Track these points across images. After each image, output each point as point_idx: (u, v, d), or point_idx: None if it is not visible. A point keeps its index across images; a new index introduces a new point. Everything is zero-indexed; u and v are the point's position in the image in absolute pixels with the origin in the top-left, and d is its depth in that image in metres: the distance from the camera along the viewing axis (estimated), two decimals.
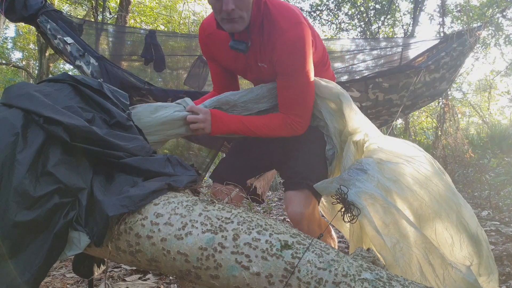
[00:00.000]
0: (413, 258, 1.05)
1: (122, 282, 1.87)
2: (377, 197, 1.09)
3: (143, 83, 2.57)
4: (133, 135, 1.15)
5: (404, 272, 1.02)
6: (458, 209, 1.17)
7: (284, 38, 1.25)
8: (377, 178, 1.14)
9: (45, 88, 1.12)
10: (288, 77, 1.32)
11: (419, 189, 1.15)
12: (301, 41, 1.26)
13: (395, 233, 1.06)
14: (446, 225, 1.15)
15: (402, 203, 1.12)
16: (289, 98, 1.36)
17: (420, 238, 1.06)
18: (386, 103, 2.78)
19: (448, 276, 1.06)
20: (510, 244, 2.27)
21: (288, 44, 1.25)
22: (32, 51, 15.31)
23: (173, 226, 0.90)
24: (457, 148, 3.59)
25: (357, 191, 1.10)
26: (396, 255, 1.04)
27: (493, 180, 3.63)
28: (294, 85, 1.32)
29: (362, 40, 5.98)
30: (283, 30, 1.25)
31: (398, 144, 1.31)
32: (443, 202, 1.16)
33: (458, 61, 2.87)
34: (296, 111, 1.36)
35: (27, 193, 0.88)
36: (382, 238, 1.05)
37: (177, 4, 12.65)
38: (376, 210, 1.08)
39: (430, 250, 1.06)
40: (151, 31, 3.09)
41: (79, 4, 10.23)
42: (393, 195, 1.13)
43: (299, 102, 1.36)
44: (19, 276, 0.85)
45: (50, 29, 2.53)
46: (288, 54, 1.27)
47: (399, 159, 1.22)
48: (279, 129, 1.39)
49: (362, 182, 1.14)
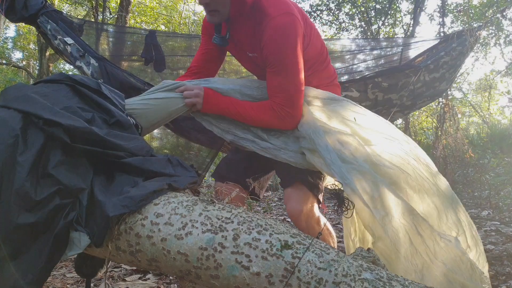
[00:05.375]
0: (402, 229, 1.08)
1: (122, 282, 1.87)
2: (365, 171, 1.13)
3: (143, 83, 2.57)
4: (133, 135, 1.15)
5: (394, 243, 1.05)
6: (435, 181, 1.22)
7: (272, 24, 1.26)
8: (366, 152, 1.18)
9: (42, 89, 1.11)
10: (274, 64, 1.30)
11: (402, 165, 1.18)
12: (289, 29, 1.26)
13: (384, 207, 1.10)
14: (430, 197, 1.19)
15: (389, 177, 1.15)
16: (274, 84, 1.34)
17: (407, 210, 1.10)
18: (386, 103, 2.78)
19: (438, 247, 1.09)
20: (510, 244, 2.27)
21: (276, 30, 1.26)
22: (32, 51, 15.31)
23: (173, 226, 0.91)
24: (457, 148, 3.59)
25: (347, 167, 1.12)
26: (385, 227, 1.06)
27: (493, 180, 3.63)
28: (280, 71, 1.30)
29: (362, 40, 5.98)
30: (272, 17, 1.26)
31: (376, 121, 1.34)
32: (423, 176, 1.20)
33: (458, 61, 2.87)
34: (281, 99, 1.32)
35: (28, 195, 0.88)
36: (370, 211, 1.07)
37: (177, 4, 12.65)
38: (364, 185, 1.11)
39: (418, 221, 1.10)
40: (151, 31, 3.10)
41: (79, 4, 10.23)
42: (380, 169, 1.16)
43: (284, 89, 1.32)
44: (21, 277, 0.85)
45: (50, 29, 2.53)
46: (274, 40, 1.27)
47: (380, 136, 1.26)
48: (265, 114, 1.35)
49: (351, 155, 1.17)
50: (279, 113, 1.33)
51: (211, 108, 1.38)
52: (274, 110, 1.33)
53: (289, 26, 1.26)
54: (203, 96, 1.35)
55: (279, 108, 1.33)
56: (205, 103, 1.36)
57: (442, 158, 3.68)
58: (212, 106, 1.37)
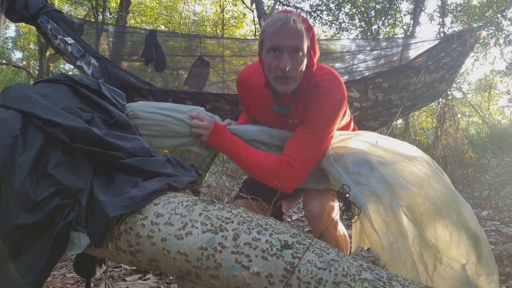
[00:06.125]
0: (410, 258, 1.05)
1: (122, 282, 1.87)
2: (381, 195, 1.09)
3: (143, 83, 2.57)
4: (133, 135, 1.15)
5: (398, 272, 1.03)
6: (458, 208, 1.17)
7: (325, 98, 1.28)
8: (381, 173, 1.14)
9: (42, 89, 1.11)
10: (311, 124, 1.29)
11: (421, 187, 1.14)
12: (338, 104, 1.29)
13: (395, 232, 1.07)
14: (446, 222, 1.15)
15: (403, 200, 1.12)
16: (299, 142, 1.29)
17: (418, 237, 1.07)
18: (386, 103, 2.78)
19: (436, 273, 1.07)
20: (510, 244, 2.27)
21: (326, 99, 1.28)
22: (32, 51, 15.32)
23: (174, 226, 0.91)
24: (457, 148, 3.59)
25: (361, 189, 1.10)
26: (392, 253, 1.04)
27: (493, 180, 3.63)
28: (309, 136, 1.28)
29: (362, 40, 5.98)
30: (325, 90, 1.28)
31: (397, 144, 1.31)
32: (443, 200, 1.16)
33: (458, 62, 2.87)
34: (295, 156, 1.27)
35: (28, 196, 0.88)
36: (378, 237, 1.06)
37: (177, 4, 12.65)
38: (378, 209, 1.09)
39: (425, 248, 1.07)
40: (151, 31, 3.10)
41: (79, 4, 10.23)
42: (395, 191, 1.12)
43: (303, 150, 1.28)
44: (21, 278, 0.85)
45: (51, 29, 2.53)
46: (321, 106, 1.28)
47: (398, 158, 1.22)
48: (266, 160, 1.30)
49: (366, 177, 1.13)
50: (281, 167, 1.27)
51: (216, 143, 1.35)
52: (278, 162, 1.27)
53: (339, 101, 1.29)
54: (212, 130, 1.33)
55: (284, 164, 1.27)
56: (211, 137, 1.33)
57: (442, 158, 3.68)
58: (217, 141, 1.34)
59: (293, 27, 1.18)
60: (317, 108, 1.28)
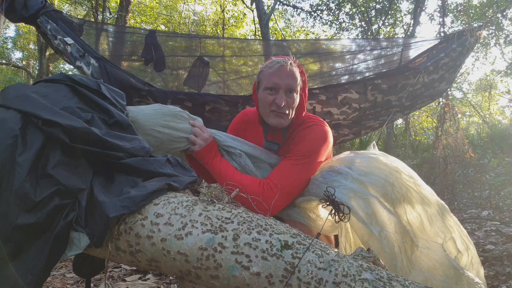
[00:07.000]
0: (396, 243, 1.10)
1: (122, 282, 1.87)
2: (357, 190, 1.16)
3: (143, 84, 2.57)
4: (132, 135, 1.15)
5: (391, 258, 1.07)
6: (419, 189, 1.23)
7: (309, 130, 1.38)
8: (350, 174, 1.22)
9: (42, 89, 1.11)
10: (292, 154, 1.33)
11: (386, 177, 1.21)
12: (322, 135, 1.37)
13: (379, 222, 1.11)
14: (412, 205, 1.21)
15: (376, 192, 1.18)
16: (281, 168, 1.32)
17: (398, 223, 1.12)
18: (385, 104, 2.79)
19: (415, 257, 1.12)
20: (510, 244, 2.27)
21: (313, 130, 1.37)
22: (32, 51, 15.32)
23: (173, 226, 0.90)
24: (457, 148, 3.59)
25: (339, 190, 1.15)
26: (382, 242, 1.08)
27: (493, 180, 3.63)
28: (293, 162, 1.31)
29: (362, 40, 5.98)
30: (310, 126, 1.39)
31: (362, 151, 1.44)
32: (406, 184, 1.23)
33: (457, 62, 2.87)
34: (278, 180, 1.28)
35: (27, 196, 0.88)
36: (369, 228, 1.09)
37: (177, 4, 12.65)
38: (358, 203, 1.13)
39: (403, 233, 1.11)
40: (151, 31, 3.10)
41: (79, 4, 10.23)
42: (367, 186, 1.19)
43: (286, 175, 1.29)
44: (21, 278, 0.85)
45: (50, 29, 2.53)
46: (309, 136, 1.36)
47: (363, 156, 1.34)
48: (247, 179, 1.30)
49: (338, 181, 1.21)
50: (261, 189, 1.27)
51: (204, 157, 1.36)
52: (260, 185, 1.28)
53: (324, 132, 1.38)
54: (208, 144, 1.35)
55: (266, 187, 1.27)
56: (204, 149, 1.34)
57: (442, 158, 3.68)
58: (207, 156, 1.35)
59: (290, 69, 1.32)
60: (302, 137, 1.37)
